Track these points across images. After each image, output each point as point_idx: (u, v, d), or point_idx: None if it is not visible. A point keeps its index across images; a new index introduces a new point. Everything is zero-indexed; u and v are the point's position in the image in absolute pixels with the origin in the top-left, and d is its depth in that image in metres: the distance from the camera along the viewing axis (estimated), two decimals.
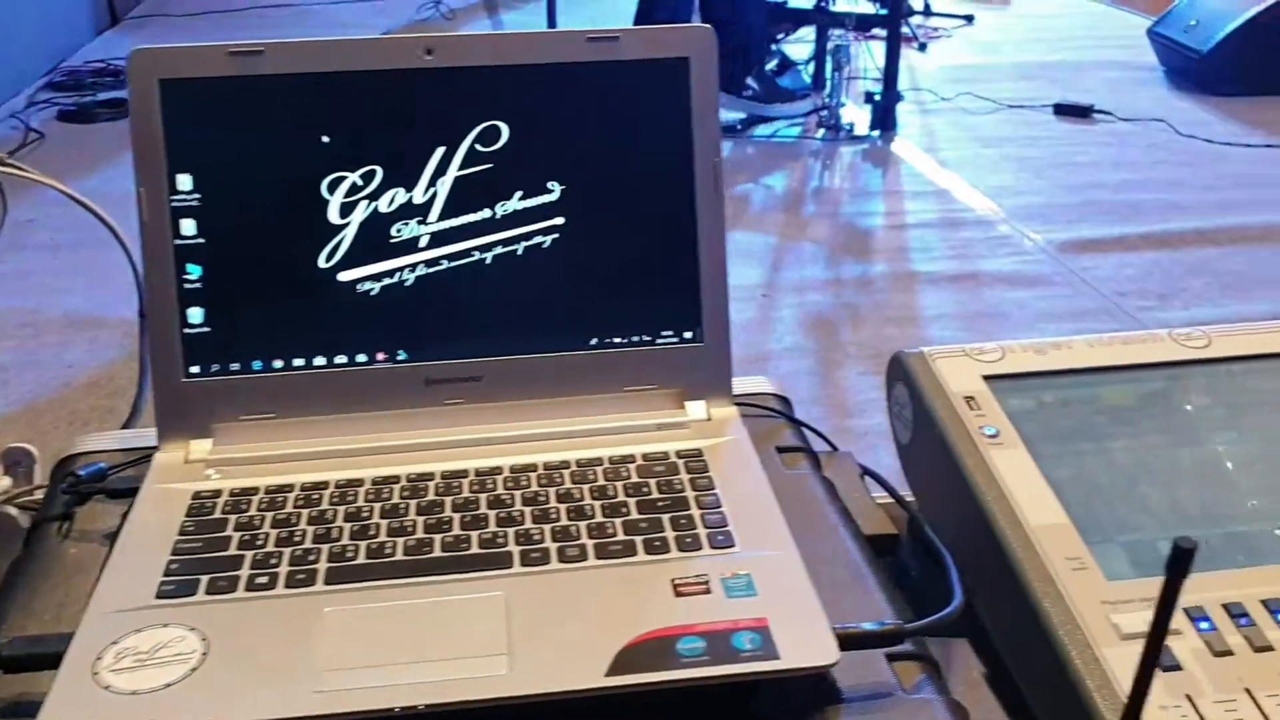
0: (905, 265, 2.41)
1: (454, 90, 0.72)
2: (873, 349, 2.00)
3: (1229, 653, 0.55)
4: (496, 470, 0.68)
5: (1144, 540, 0.63)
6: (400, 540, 0.62)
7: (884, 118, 3.37)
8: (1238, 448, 0.69)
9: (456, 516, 0.64)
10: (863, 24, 3.41)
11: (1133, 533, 0.63)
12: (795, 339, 2.08)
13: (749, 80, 3.30)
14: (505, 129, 0.72)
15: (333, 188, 0.71)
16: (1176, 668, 0.55)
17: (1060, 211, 2.71)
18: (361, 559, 0.61)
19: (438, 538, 0.63)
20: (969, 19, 4.98)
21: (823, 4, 3.49)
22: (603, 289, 0.74)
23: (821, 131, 3.36)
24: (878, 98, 3.36)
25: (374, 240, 0.72)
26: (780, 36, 3.68)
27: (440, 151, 0.72)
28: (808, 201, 2.83)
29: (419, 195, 0.72)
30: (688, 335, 0.75)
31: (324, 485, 0.67)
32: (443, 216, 0.72)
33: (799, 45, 3.79)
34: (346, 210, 0.72)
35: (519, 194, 0.73)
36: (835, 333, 2.12)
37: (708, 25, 0.75)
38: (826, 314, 2.19)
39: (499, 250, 0.73)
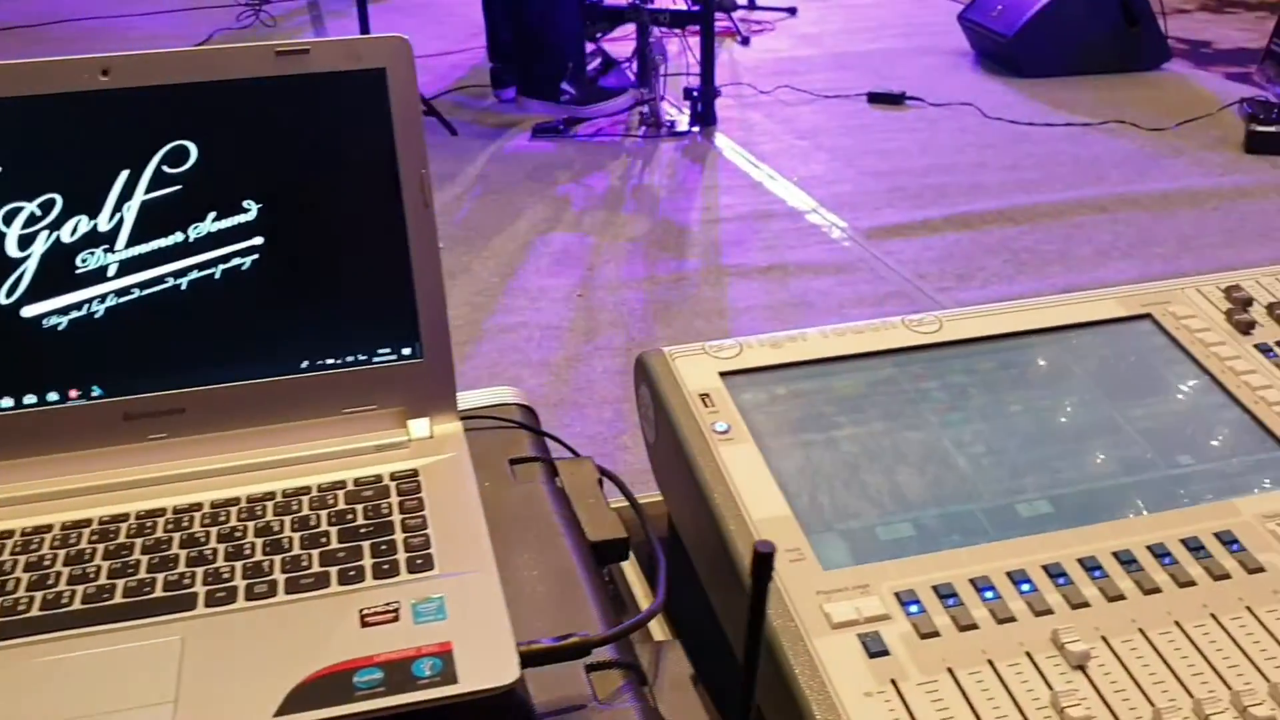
0: (717, 259, 2.44)
1: (135, 111, 0.69)
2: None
3: (935, 634, 0.56)
4: (196, 507, 0.66)
5: (863, 528, 0.63)
6: (80, 588, 0.59)
7: (703, 113, 3.41)
8: (961, 429, 0.70)
9: (145, 559, 0.62)
10: (678, 21, 3.43)
11: (852, 520, 0.64)
12: (605, 339, 2.08)
13: (564, 85, 3.30)
14: (193, 149, 0.69)
15: (9, 219, 0.67)
16: (884, 653, 0.55)
17: (868, 198, 2.79)
18: (35, 611, 0.58)
19: (121, 583, 0.60)
20: (792, 11, 5.08)
21: (637, 2, 3.50)
22: (311, 309, 0.72)
23: (643, 129, 3.38)
24: (696, 94, 3.40)
25: (58, 272, 0.68)
26: (599, 36, 3.68)
27: (124, 175, 0.69)
28: (628, 199, 2.85)
29: (104, 222, 0.69)
30: (406, 352, 0.73)
31: (7, 535, 0.64)
32: (131, 243, 0.69)
33: (624, 43, 3.81)
34: (25, 242, 0.68)
35: (212, 215, 0.70)
36: (646, 330, 2.13)
37: (403, 36, 0.73)
38: (639, 312, 2.20)
39: (195, 275, 0.70)
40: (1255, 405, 0.72)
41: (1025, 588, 0.59)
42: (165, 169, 0.69)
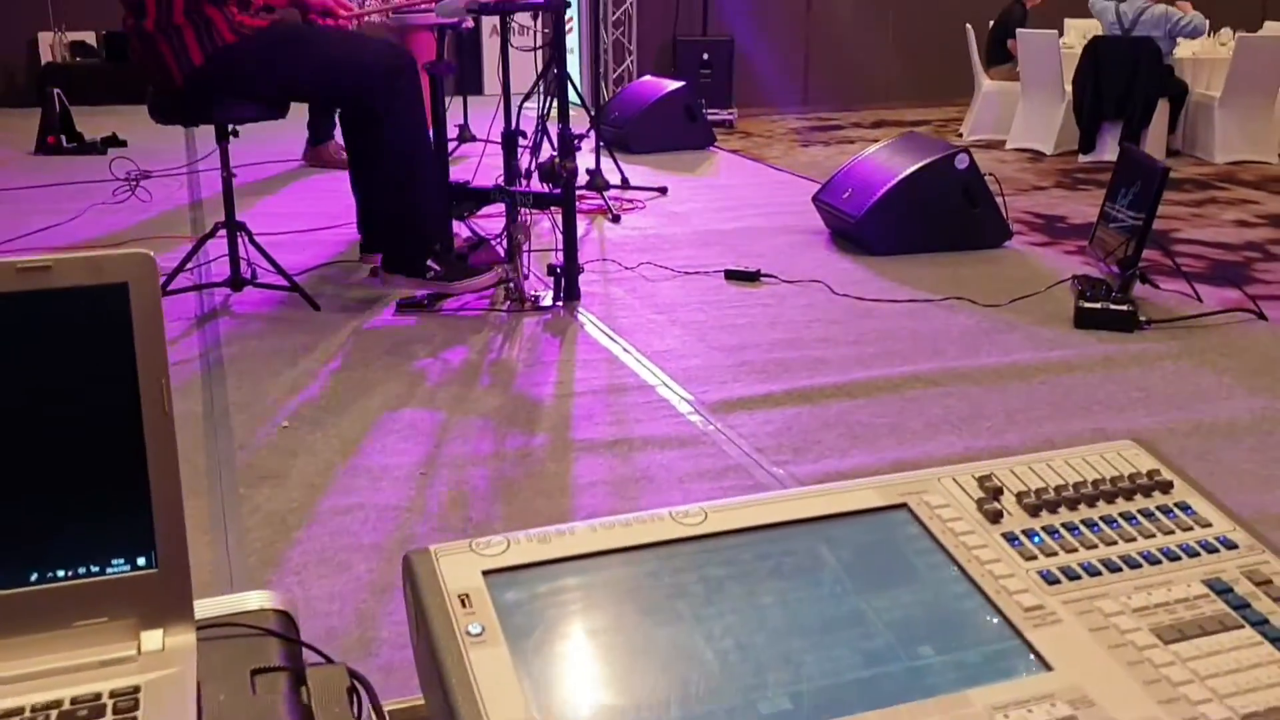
0: (567, 434, 2.49)
1: None
2: (520, 524, 2.03)
3: None
4: None
5: None
6: None
7: (566, 288, 3.51)
8: (714, 624, 0.71)
9: None
10: (542, 202, 3.57)
11: None
12: (444, 520, 2.09)
13: (430, 263, 3.38)
14: None
15: None
16: None
17: (716, 372, 2.89)
18: None
19: None
20: (663, 190, 5.31)
21: (502, 184, 3.64)
22: (41, 520, 0.72)
23: (507, 303, 3.46)
24: (560, 270, 3.51)
25: None
26: (465, 215, 3.80)
27: None
28: (484, 374, 2.89)
29: None
30: (140, 562, 0.74)
31: None
32: None
33: (494, 219, 3.93)
34: None
35: None
36: (486, 510, 2.15)
37: (147, 252, 0.77)
38: (481, 490, 2.22)
39: None
40: (997, 595, 0.74)
41: None
42: None
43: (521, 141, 4.00)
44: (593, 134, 5.15)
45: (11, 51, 8.61)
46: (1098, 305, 3.28)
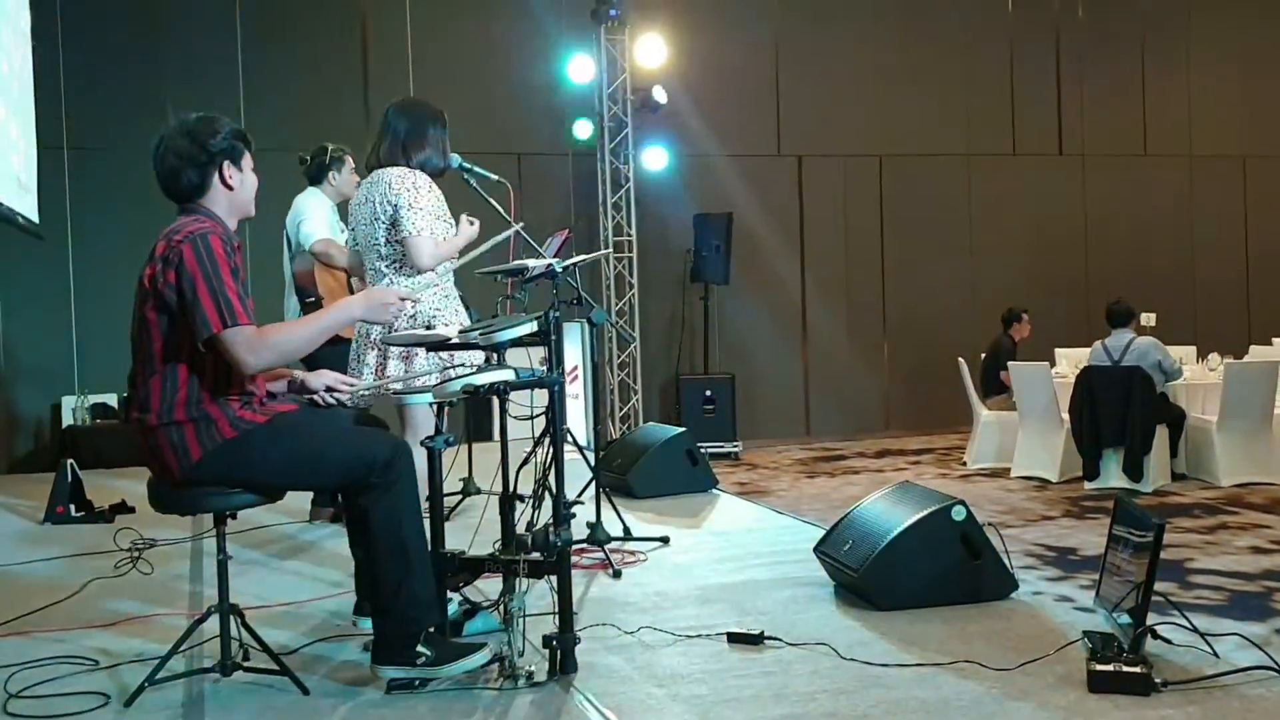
0: None
1: None
2: None
3: None
4: None
5: None
6: None
7: (562, 662, 3.42)
8: None
9: None
10: (536, 571, 3.54)
11: None
12: None
13: (420, 648, 3.30)
14: None
15: None
16: None
17: None
18: None
19: None
20: (665, 540, 5.29)
21: (496, 554, 3.63)
22: None
23: (500, 680, 3.36)
24: (555, 642, 3.43)
25: None
26: (460, 586, 3.76)
27: None
28: None
29: None
30: None
31: None
32: None
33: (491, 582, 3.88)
34: None
35: None
36: None
37: None
38: None
39: None
40: None
41: None
42: None
43: (519, 505, 4.02)
44: (594, 485, 5.20)
45: (35, 416, 8.94)
46: (1110, 667, 3.16)
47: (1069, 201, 11.49)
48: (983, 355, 9.19)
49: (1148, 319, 8.93)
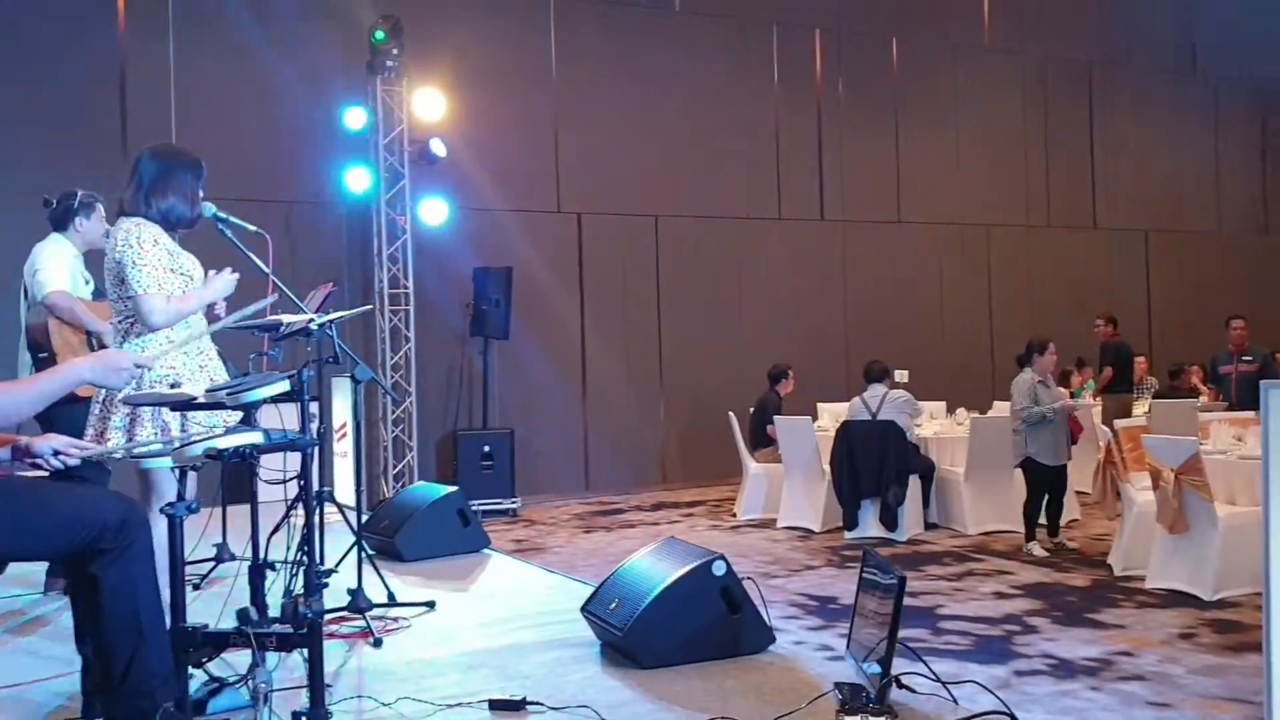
0: None
1: None
2: None
3: None
4: None
5: None
6: None
7: None
8: None
9: None
10: (286, 645, 3.38)
11: None
12: None
13: None
14: None
15: None
16: None
17: None
18: None
19: None
20: (430, 605, 5.16)
21: (244, 627, 3.44)
22: None
23: None
24: (305, 717, 3.27)
25: None
26: (202, 663, 3.55)
27: None
28: None
29: None
30: None
31: None
32: None
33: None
34: None
35: None
36: None
37: None
38: None
39: None
40: None
41: None
42: None
43: (270, 574, 3.84)
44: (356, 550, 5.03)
45: None
46: (857, 718, 3.28)
47: (830, 264, 12.09)
48: (751, 410, 9.50)
49: (901, 376, 9.45)
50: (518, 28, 10.60)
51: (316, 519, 3.64)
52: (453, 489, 6.58)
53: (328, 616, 4.66)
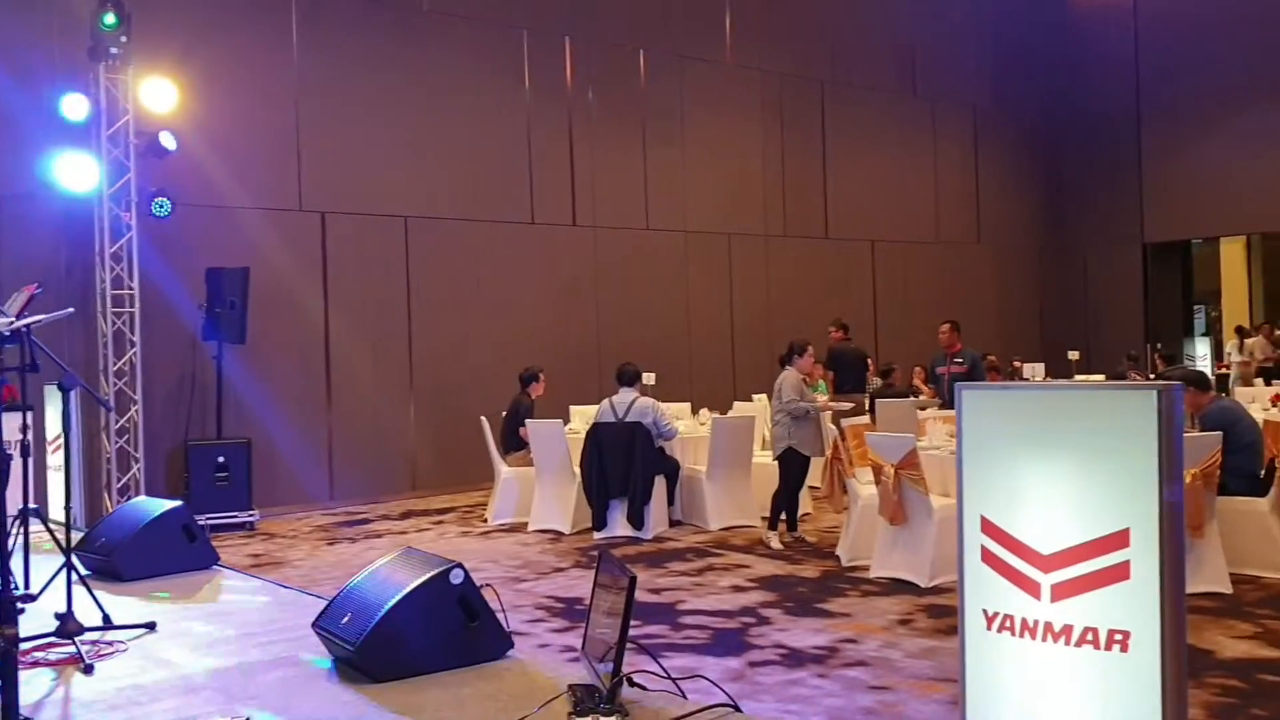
0: None
1: None
2: None
3: None
4: None
5: None
6: None
7: None
8: None
9: None
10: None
11: None
12: None
13: None
14: None
15: None
16: None
17: None
18: None
19: None
20: (151, 627, 4.85)
21: None
22: None
23: None
24: None
25: None
26: None
27: None
28: None
29: None
30: None
31: None
32: None
33: None
34: None
35: None
36: None
37: None
38: None
39: None
40: None
41: None
42: None
43: None
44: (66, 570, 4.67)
45: None
46: (588, 719, 3.31)
47: (582, 269, 12.22)
48: (504, 413, 9.46)
49: (649, 378, 9.67)
50: (256, 14, 10.16)
51: (11, 540, 3.34)
52: (176, 503, 6.21)
53: (34, 643, 4.32)
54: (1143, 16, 16.68)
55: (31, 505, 4.64)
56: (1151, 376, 11.10)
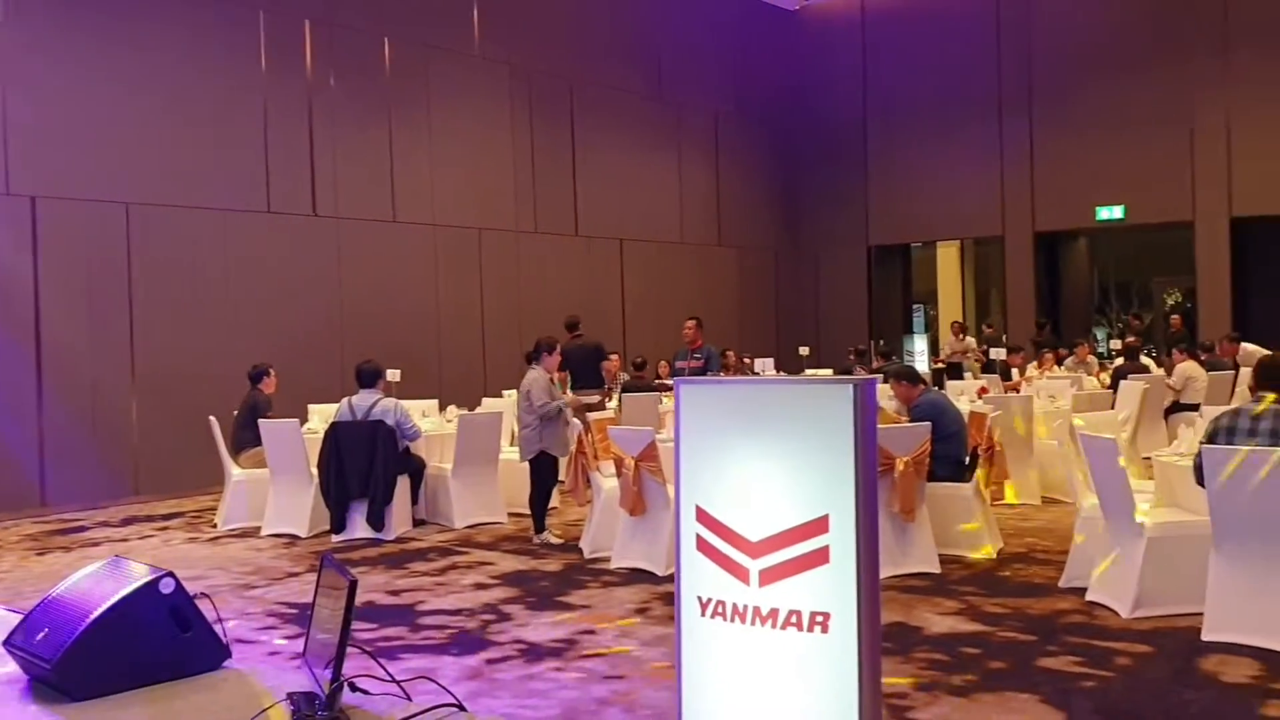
0: None
1: None
2: None
3: None
4: None
5: None
6: None
7: None
8: None
9: None
10: None
11: None
12: None
13: None
14: None
15: None
16: None
17: None
18: None
19: None
20: None
21: None
22: None
23: None
24: None
25: None
26: None
27: None
28: None
29: None
30: None
31: None
32: None
33: None
34: None
35: None
36: None
37: None
38: None
39: None
40: None
41: None
42: None
43: None
44: None
45: None
46: None
47: (324, 262, 11.79)
48: (235, 412, 9.01)
49: (393, 375, 9.45)
50: None
51: None
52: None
53: None
54: (870, 33, 17.79)
55: None
56: (872, 370, 11.85)
